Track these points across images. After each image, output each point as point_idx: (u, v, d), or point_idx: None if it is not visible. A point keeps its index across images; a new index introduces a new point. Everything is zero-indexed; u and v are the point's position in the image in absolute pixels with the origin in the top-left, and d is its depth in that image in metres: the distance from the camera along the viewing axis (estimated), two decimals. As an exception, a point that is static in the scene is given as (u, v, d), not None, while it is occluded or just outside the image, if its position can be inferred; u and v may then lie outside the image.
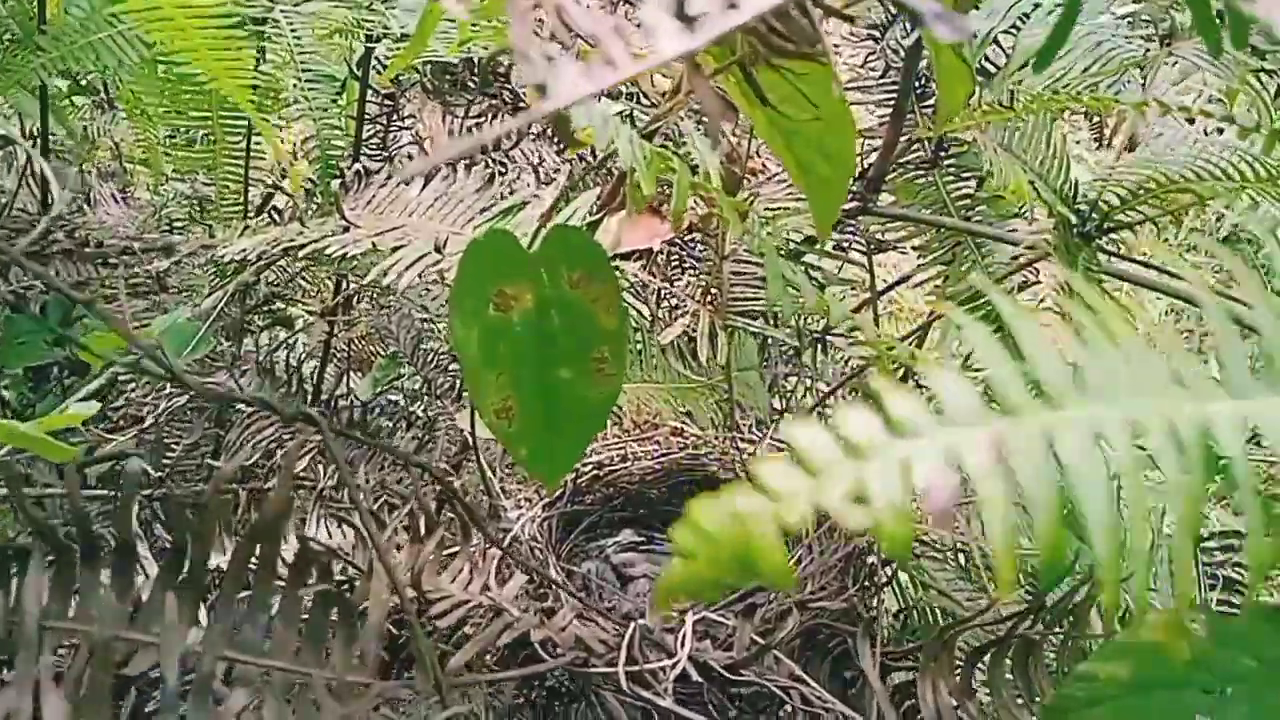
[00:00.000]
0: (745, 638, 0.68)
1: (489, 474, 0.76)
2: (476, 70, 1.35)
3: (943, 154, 1.10)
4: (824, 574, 0.75)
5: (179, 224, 1.52)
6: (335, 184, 0.99)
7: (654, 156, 0.64)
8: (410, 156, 1.46)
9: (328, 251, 0.96)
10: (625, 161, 0.61)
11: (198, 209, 1.54)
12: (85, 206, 1.59)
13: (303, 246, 0.99)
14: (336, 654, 0.49)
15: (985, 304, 1.20)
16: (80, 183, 1.64)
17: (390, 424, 1.19)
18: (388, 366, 1.68)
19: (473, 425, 0.75)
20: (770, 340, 1.19)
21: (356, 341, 1.74)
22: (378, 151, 1.47)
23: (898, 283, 1.37)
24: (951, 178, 1.19)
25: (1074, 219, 0.76)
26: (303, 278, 1.73)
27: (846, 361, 1.37)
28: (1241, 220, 1.02)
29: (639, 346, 1.07)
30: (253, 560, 0.49)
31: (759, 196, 0.93)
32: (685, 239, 1.03)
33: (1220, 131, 0.81)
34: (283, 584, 0.48)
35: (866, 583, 0.80)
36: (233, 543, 0.88)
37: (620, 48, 0.28)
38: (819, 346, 1.30)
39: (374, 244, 0.96)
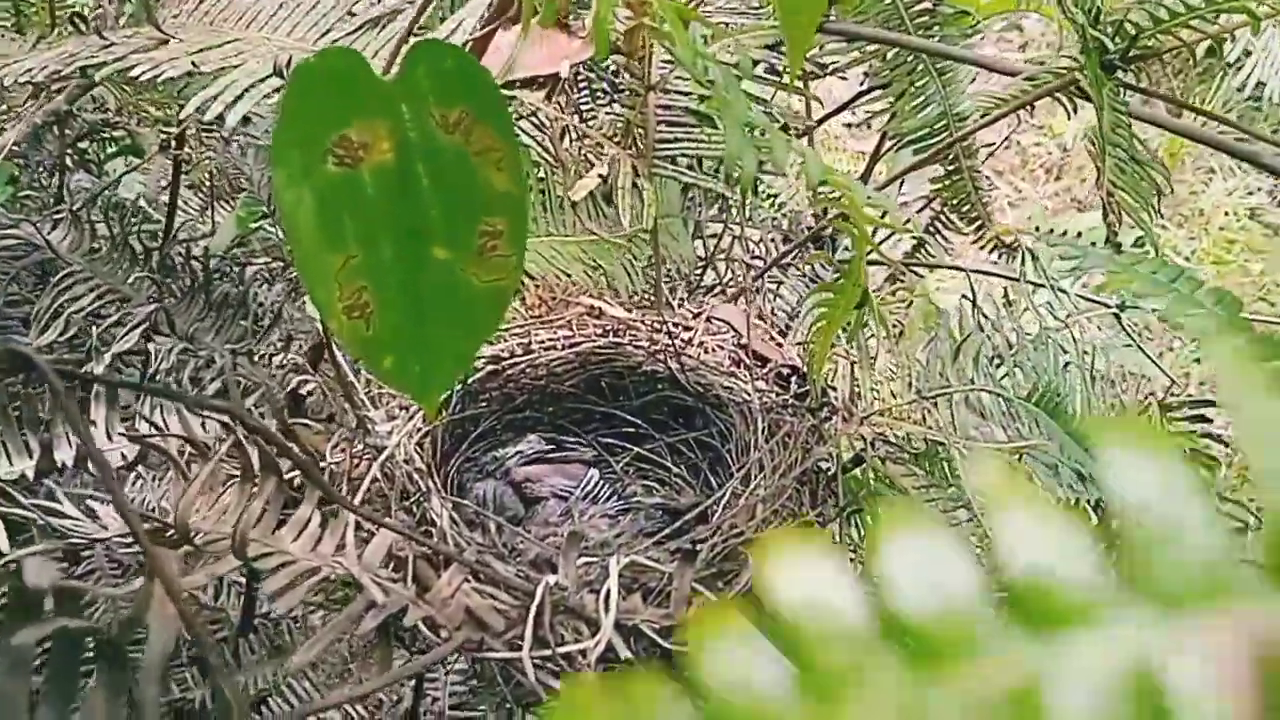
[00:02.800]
0: (685, 587, 0.53)
1: (347, 373, 0.57)
2: None
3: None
4: (777, 496, 0.60)
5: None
6: (142, -22, 0.76)
7: (565, -64, 0.44)
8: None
9: (134, 74, 0.74)
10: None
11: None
12: None
13: (101, 66, 0.76)
14: (97, 712, 0.31)
15: (936, 141, 1.04)
16: None
17: (239, 291, 0.98)
18: (254, 205, 1.43)
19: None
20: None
21: (207, 179, 1.48)
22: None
23: (836, 111, 1.19)
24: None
25: (1108, 44, 0.59)
26: (144, 101, 1.46)
27: (779, 206, 1.21)
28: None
29: (542, 198, 0.88)
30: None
31: (707, 5, 0.73)
32: (601, 63, 0.83)
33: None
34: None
35: (822, 501, 0.65)
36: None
37: None
38: (751, 190, 1.13)
39: (195, 64, 0.73)
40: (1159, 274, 0.48)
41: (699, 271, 0.97)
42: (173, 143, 1.34)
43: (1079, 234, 0.65)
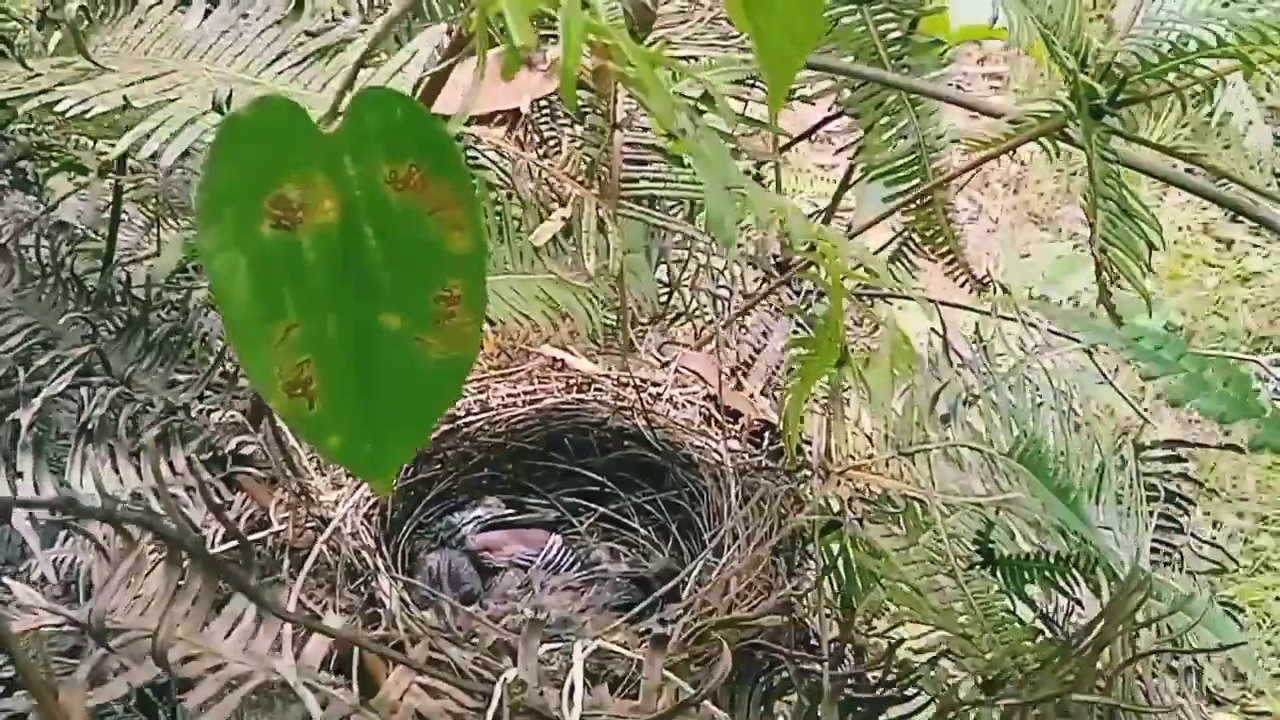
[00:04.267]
0: (656, 675, 0.49)
1: (287, 437, 0.53)
2: None
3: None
4: (752, 568, 0.56)
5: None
6: (73, 5, 0.70)
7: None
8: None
9: (60, 107, 0.68)
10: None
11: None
12: None
13: (27, 98, 0.71)
14: None
15: (908, 174, 1.01)
16: None
17: (181, 324, 0.93)
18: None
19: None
20: (657, 205, 0.97)
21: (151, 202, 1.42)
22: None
23: (802, 137, 1.15)
24: (885, 12, 0.97)
25: (1096, 88, 0.56)
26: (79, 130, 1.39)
27: (749, 235, 1.17)
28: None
29: (499, 231, 0.83)
30: None
31: (674, 39, 0.69)
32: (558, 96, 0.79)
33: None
34: None
35: (798, 568, 0.62)
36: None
37: None
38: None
39: (127, 100, 0.68)
40: (1164, 350, 0.45)
41: (663, 299, 0.93)
42: (114, 165, 1.28)
43: (1075, 301, 0.62)
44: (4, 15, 0.93)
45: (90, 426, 0.80)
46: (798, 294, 0.97)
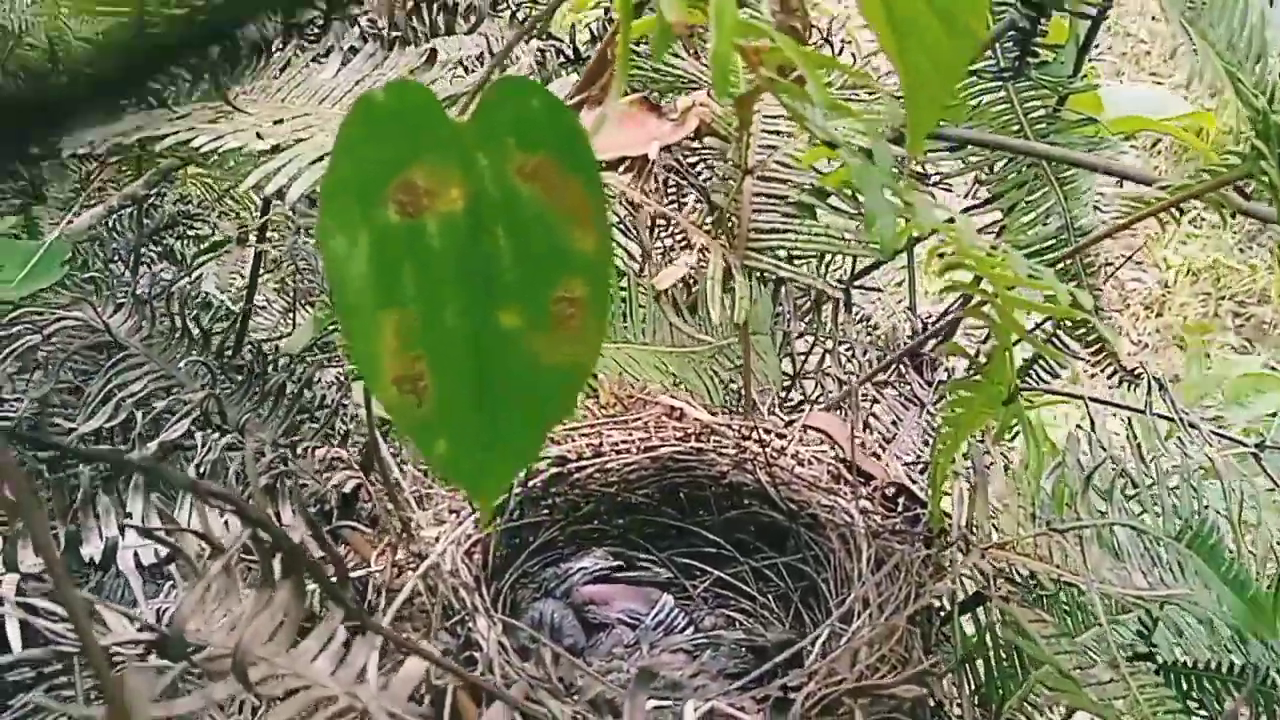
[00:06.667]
0: (778, 746, 0.43)
1: (392, 469, 0.50)
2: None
3: (1031, 54, 0.84)
4: (886, 638, 0.50)
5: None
6: (215, 50, 0.72)
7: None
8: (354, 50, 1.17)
9: (195, 144, 0.70)
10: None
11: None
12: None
13: (165, 136, 0.73)
14: None
15: (1054, 258, 0.95)
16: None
17: (296, 381, 0.93)
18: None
19: (367, 396, 0.49)
20: (785, 290, 0.94)
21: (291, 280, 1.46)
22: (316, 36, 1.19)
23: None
24: (1031, 89, 0.93)
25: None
26: (232, 195, 1.45)
27: (872, 326, 1.13)
28: None
29: (623, 295, 0.81)
30: None
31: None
32: (690, 147, 0.76)
33: None
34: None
35: (935, 647, 0.55)
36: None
37: None
38: (841, 302, 1.05)
39: (260, 135, 0.69)
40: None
41: (786, 388, 0.89)
42: (253, 235, 1.31)
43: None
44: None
45: (202, 472, 0.80)
46: (929, 384, 0.92)
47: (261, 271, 1.30)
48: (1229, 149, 0.57)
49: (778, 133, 0.74)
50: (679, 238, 0.71)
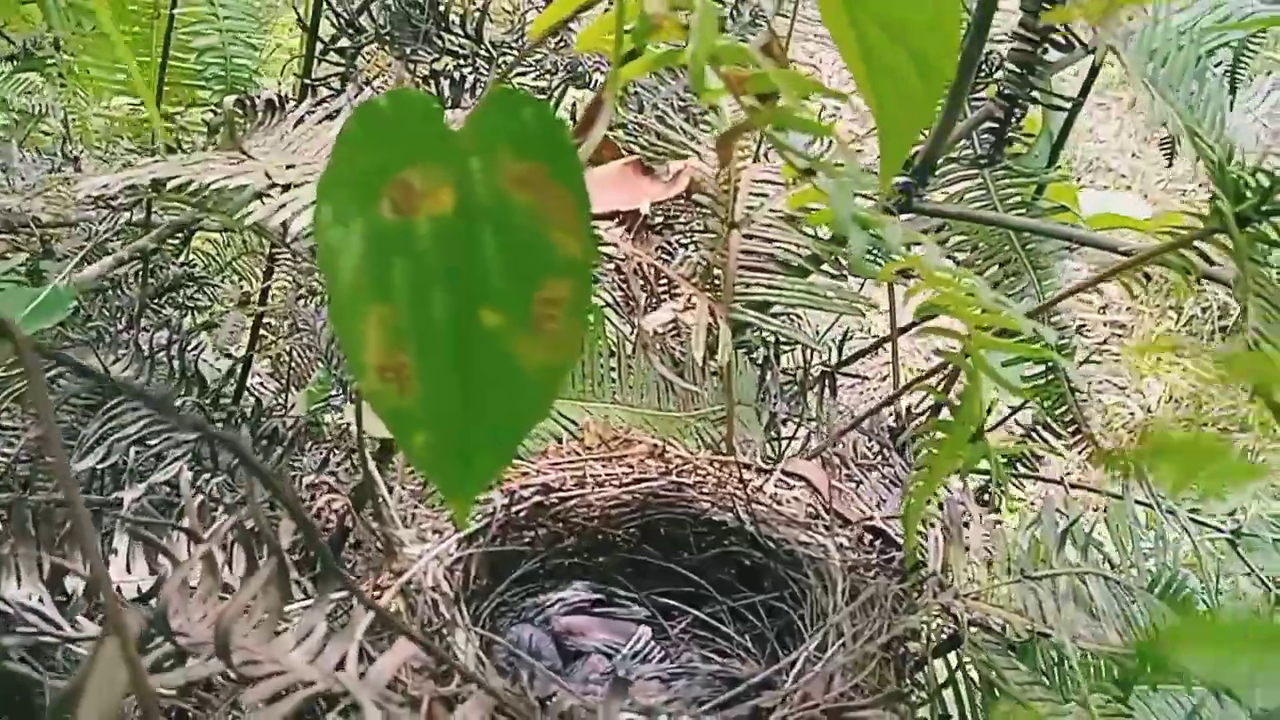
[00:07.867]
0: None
1: (380, 486, 0.51)
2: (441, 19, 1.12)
3: (1007, 141, 0.88)
4: (860, 666, 0.51)
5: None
6: (230, 100, 0.75)
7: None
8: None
9: (205, 180, 0.73)
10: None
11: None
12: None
13: (175, 177, 0.76)
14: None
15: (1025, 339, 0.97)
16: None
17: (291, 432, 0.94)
18: (326, 381, 1.41)
19: (358, 413, 0.51)
20: (769, 375, 0.95)
21: (290, 351, 1.48)
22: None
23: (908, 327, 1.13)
24: (1007, 176, 0.97)
25: (1245, 194, 0.54)
26: (238, 264, 1.48)
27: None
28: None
29: (611, 370, 0.81)
30: None
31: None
32: (675, 205, 0.80)
33: None
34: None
35: (911, 681, 0.56)
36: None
37: None
38: (826, 385, 1.07)
39: (268, 175, 0.72)
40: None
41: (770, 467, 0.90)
42: (254, 299, 1.34)
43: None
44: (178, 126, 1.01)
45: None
46: (911, 467, 0.93)
47: (261, 332, 1.32)
48: (1188, 210, 0.60)
49: (764, 195, 0.77)
50: (668, 289, 0.73)
